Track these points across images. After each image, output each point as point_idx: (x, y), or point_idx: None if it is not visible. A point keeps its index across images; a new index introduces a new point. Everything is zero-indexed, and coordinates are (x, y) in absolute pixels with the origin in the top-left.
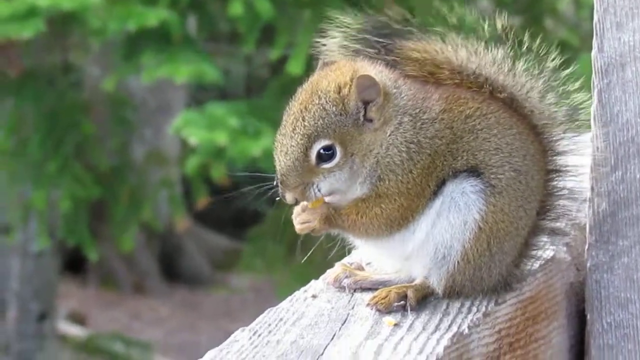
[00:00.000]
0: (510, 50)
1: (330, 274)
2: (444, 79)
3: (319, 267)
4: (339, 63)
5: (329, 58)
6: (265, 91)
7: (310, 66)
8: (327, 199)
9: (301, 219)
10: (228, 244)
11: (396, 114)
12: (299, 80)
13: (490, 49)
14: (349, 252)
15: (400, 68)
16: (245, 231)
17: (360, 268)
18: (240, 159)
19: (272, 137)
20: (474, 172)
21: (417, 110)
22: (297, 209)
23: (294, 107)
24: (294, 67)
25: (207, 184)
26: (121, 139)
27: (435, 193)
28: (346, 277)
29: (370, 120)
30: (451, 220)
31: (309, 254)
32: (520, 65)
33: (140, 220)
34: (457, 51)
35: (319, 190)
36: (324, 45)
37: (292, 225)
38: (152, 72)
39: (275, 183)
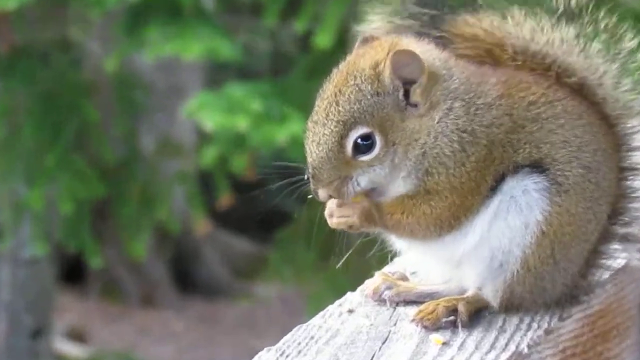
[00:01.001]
0: (583, 28)
1: (369, 285)
2: (503, 59)
3: (356, 276)
4: (380, 39)
5: (369, 33)
6: (292, 70)
7: (342, 39)
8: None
9: (339, 213)
10: (251, 248)
11: (446, 98)
12: (330, 57)
13: (559, 25)
14: (391, 259)
15: (453, 47)
16: (272, 234)
17: (404, 278)
18: (264, 147)
19: (300, 122)
20: (537, 167)
21: (471, 95)
22: (331, 204)
23: (328, 90)
24: (322, 40)
25: (228, 179)
26: (128, 126)
27: (493, 190)
28: (387, 288)
29: (415, 105)
30: (510, 221)
31: (344, 258)
32: (594, 45)
33: (153, 221)
34: (520, 27)
35: (357, 186)
36: (365, 19)
37: (326, 227)
38: (158, 48)
39: (306, 177)
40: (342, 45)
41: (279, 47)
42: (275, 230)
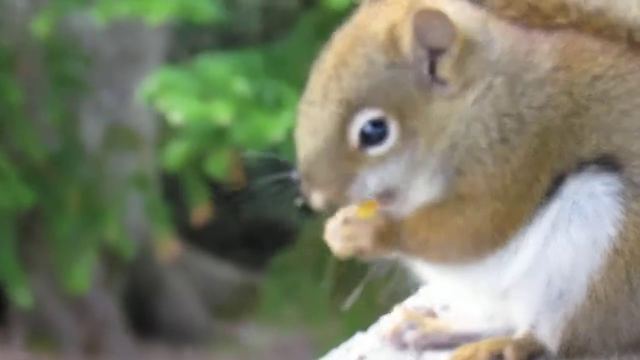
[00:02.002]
0: None
1: (387, 324)
2: (557, 20)
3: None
4: None
5: None
6: (291, 35)
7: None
8: (378, 203)
9: (344, 234)
10: (237, 277)
11: (484, 73)
12: (342, 17)
13: None
14: (415, 290)
15: (492, 4)
16: (266, 258)
17: (432, 315)
18: (252, 144)
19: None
20: (607, 163)
21: (517, 68)
22: (334, 221)
23: (327, 61)
24: None
25: (205, 183)
26: (64, 110)
27: (549, 194)
28: (411, 328)
29: (443, 82)
30: (573, 236)
31: (357, 293)
32: None
33: (98, 241)
34: None
35: (364, 188)
36: None
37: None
38: (110, 7)
39: (295, 177)
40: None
41: (273, 4)
42: (271, 254)
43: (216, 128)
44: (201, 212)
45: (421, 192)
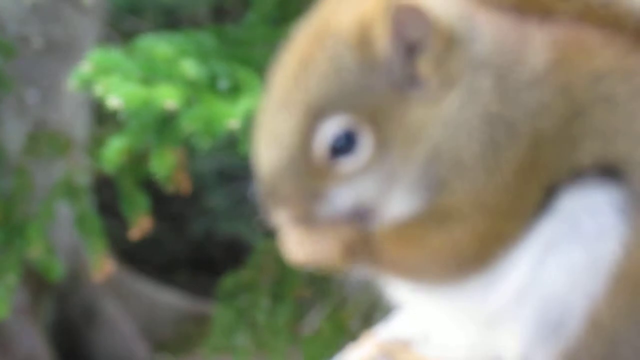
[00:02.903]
0: None
1: (355, 356)
2: (554, 7)
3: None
4: None
5: None
6: (248, 12)
7: None
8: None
9: (309, 243)
10: (183, 304)
11: (469, 73)
12: None
13: None
14: (386, 317)
15: None
16: (216, 281)
17: (406, 346)
18: (203, 136)
19: (261, 96)
20: (610, 173)
21: (508, 66)
22: (295, 232)
23: (287, 62)
24: None
25: (146, 189)
26: None
27: (543, 208)
28: None
29: (422, 84)
30: (572, 256)
31: (319, 314)
32: None
33: (20, 260)
34: None
35: (334, 207)
36: None
37: (300, 271)
38: None
39: (254, 195)
40: None
41: None
42: (220, 274)
43: (161, 116)
44: (141, 224)
45: (398, 206)
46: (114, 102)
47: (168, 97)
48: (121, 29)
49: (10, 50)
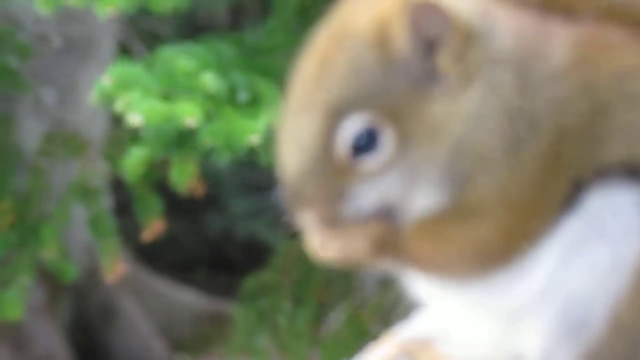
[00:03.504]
0: None
1: (376, 356)
2: (579, 7)
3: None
4: None
5: None
6: (267, 18)
7: None
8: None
9: (337, 240)
10: (202, 303)
11: (490, 68)
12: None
13: None
14: (407, 314)
15: None
16: (235, 281)
17: (429, 344)
18: (225, 150)
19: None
20: (635, 172)
21: (529, 61)
22: (322, 231)
23: (307, 63)
24: None
25: (161, 193)
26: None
27: (568, 205)
28: None
29: (443, 79)
30: (597, 256)
31: (340, 314)
32: None
33: (34, 261)
34: None
35: (358, 206)
36: None
37: (321, 273)
38: None
39: (278, 198)
40: None
41: None
42: (242, 276)
43: (182, 131)
44: (154, 226)
45: (422, 203)
46: (134, 119)
47: (188, 114)
48: (139, 29)
49: (27, 51)
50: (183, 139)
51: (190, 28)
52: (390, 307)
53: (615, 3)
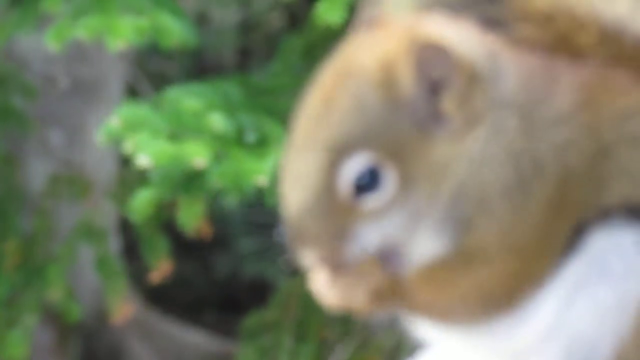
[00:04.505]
0: None
1: None
2: (584, 48)
3: None
4: (391, 21)
5: (378, 10)
6: (274, 59)
7: (351, 17)
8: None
9: (337, 288)
10: (208, 343)
11: (494, 110)
12: (335, 40)
13: None
14: (412, 354)
15: (509, 29)
16: (241, 321)
17: None
18: (234, 191)
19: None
20: (637, 212)
21: (534, 104)
22: (324, 276)
23: (312, 101)
24: (328, 11)
25: (168, 234)
26: (4, 149)
27: (570, 247)
28: None
29: (446, 121)
30: (599, 297)
31: (343, 351)
32: None
33: (40, 302)
34: (614, 0)
35: (360, 246)
36: None
37: (324, 310)
38: (65, 30)
39: (281, 237)
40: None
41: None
42: (244, 314)
43: (190, 172)
44: (161, 267)
45: (425, 247)
46: (143, 160)
47: (197, 154)
48: (148, 70)
49: (32, 91)
50: (191, 180)
51: (198, 69)
52: (394, 347)
53: (625, 47)
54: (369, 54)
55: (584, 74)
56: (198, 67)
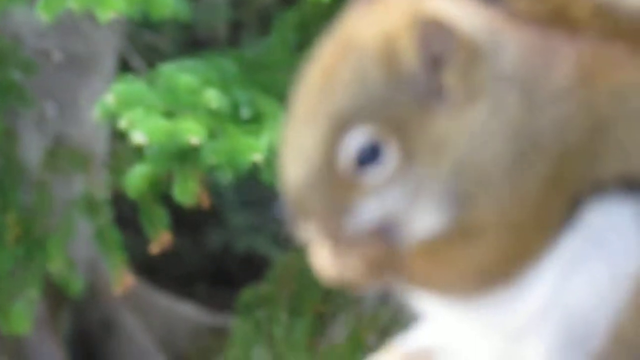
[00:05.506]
0: None
1: None
2: (579, 21)
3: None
4: None
5: None
6: (268, 35)
7: None
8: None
9: (337, 261)
10: (202, 317)
11: (495, 85)
12: (330, 15)
13: None
14: (409, 328)
15: (506, 4)
16: (234, 295)
17: (429, 358)
18: (229, 167)
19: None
20: (634, 187)
21: (533, 79)
22: (323, 248)
23: (312, 76)
24: None
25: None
26: (1, 123)
27: (568, 223)
28: None
29: (447, 95)
30: (596, 272)
31: (338, 326)
32: None
33: (41, 275)
34: None
35: (360, 220)
36: None
37: (319, 285)
38: (56, 1)
39: (278, 211)
40: None
41: None
42: (241, 289)
43: (185, 149)
44: (161, 238)
45: (424, 221)
46: (138, 137)
47: (192, 132)
48: (140, 44)
49: (30, 66)
50: (186, 156)
51: (190, 43)
52: (389, 320)
53: (621, 19)
54: (371, 28)
55: (580, 48)
56: (190, 41)
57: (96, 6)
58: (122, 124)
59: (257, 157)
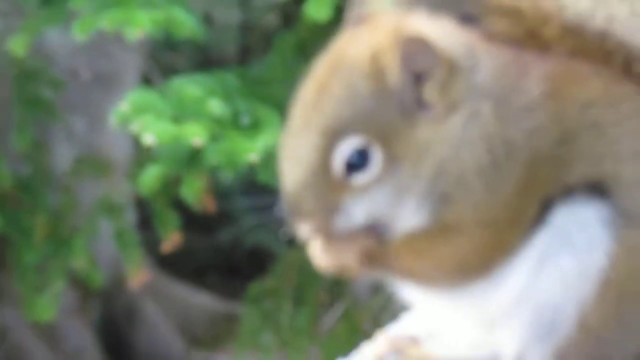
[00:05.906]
0: None
1: (369, 352)
2: (549, 40)
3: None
4: (379, 18)
5: (366, 8)
6: (269, 54)
7: (340, 15)
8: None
9: (330, 253)
10: (215, 305)
11: (471, 98)
12: (324, 34)
13: None
14: (398, 316)
15: (484, 25)
16: (243, 285)
17: (416, 342)
18: (227, 167)
19: (279, 131)
20: (597, 190)
21: (506, 92)
22: (319, 242)
23: (308, 90)
24: (316, 10)
25: (178, 209)
26: (34, 135)
27: (539, 222)
28: (394, 357)
29: (428, 107)
30: (563, 266)
31: (336, 313)
32: None
33: (66, 269)
34: None
35: (349, 219)
36: None
37: (319, 277)
38: (90, 22)
39: (280, 211)
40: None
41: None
42: (249, 281)
43: (190, 150)
44: (172, 238)
45: (407, 220)
46: (148, 139)
47: (196, 134)
48: (160, 63)
49: (59, 84)
50: (192, 157)
51: (204, 62)
52: (381, 308)
53: (588, 39)
54: (360, 47)
55: (550, 65)
56: (204, 61)
57: (125, 25)
58: (135, 127)
59: (254, 157)
